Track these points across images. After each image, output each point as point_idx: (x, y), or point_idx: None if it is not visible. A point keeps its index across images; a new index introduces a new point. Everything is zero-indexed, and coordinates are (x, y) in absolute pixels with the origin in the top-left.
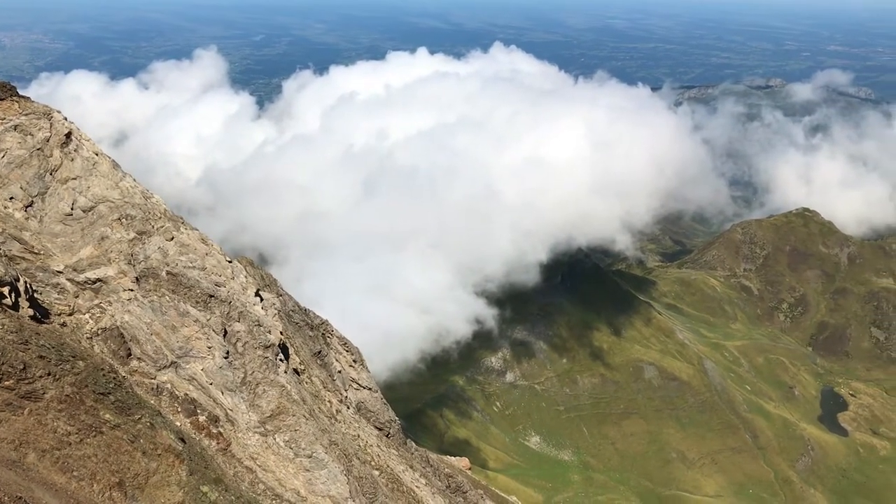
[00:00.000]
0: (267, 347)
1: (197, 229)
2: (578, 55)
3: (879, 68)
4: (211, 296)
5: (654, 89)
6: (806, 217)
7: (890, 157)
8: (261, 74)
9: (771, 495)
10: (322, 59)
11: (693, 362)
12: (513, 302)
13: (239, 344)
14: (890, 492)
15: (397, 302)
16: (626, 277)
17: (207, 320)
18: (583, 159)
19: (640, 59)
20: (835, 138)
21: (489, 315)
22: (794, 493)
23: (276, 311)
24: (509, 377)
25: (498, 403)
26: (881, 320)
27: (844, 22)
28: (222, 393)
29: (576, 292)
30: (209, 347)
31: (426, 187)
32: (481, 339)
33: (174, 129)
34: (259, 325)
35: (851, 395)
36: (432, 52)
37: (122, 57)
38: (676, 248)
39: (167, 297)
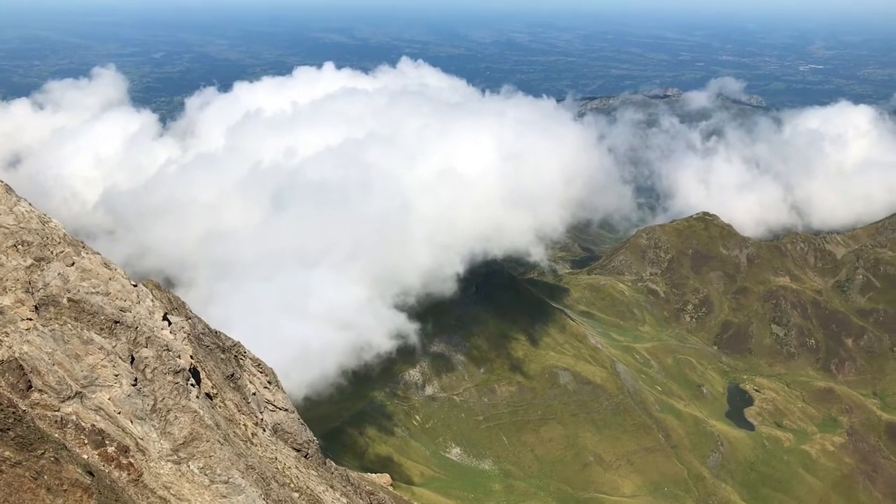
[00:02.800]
0: (177, 372)
1: (99, 253)
2: (484, 69)
3: (768, 77)
4: (116, 322)
5: (558, 101)
6: (706, 221)
7: (782, 160)
8: (162, 92)
9: (685, 492)
10: (225, 76)
11: (606, 366)
12: (430, 314)
13: (147, 370)
14: (795, 481)
15: (313, 318)
16: (539, 286)
17: (113, 347)
18: (495, 171)
19: (543, 71)
20: (730, 144)
21: (407, 327)
22: (706, 489)
23: (185, 335)
24: (428, 390)
25: (418, 417)
26: (780, 317)
27: (734, 33)
28: (132, 422)
29: (491, 302)
30: (116, 375)
31: (338, 202)
32: (400, 353)
33: (71, 150)
34: (168, 350)
35: (756, 390)
36: (339, 67)
37: (13, 76)
38: (585, 254)
39: (69, 325)
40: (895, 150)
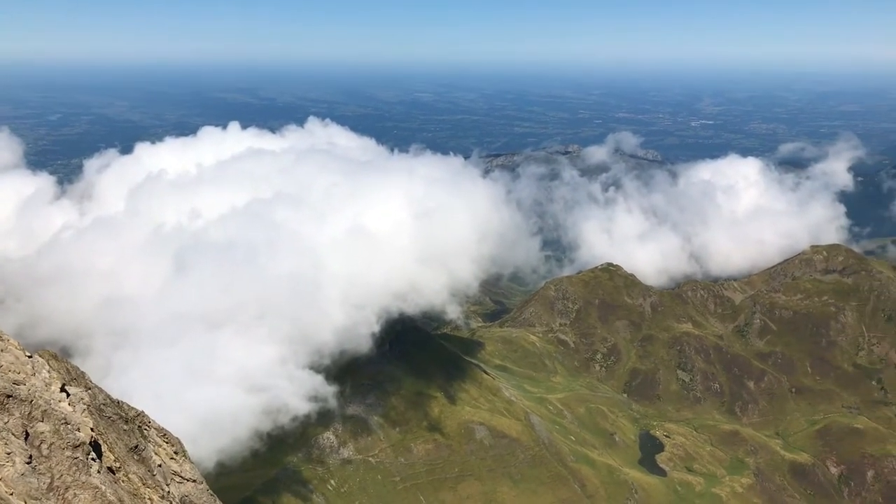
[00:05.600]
0: (76, 447)
1: None
2: (391, 127)
3: (662, 132)
4: (8, 396)
5: (465, 158)
6: (611, 271)
7: (678, 210)
8: (59, 155)
9: None
10: (127, 137)
11: (521, 418)
12: (344, 374)
13: (44, 446)
14: None
15: (221, 382)
16: (453, 341)
17: (5, 423)
18: (407, 229)
19: (450, 130)
20: (628, 194)
21: (321, 389)
22: None
23: (85, 407)
24: (344, 453)
25: (333, 482)
26: (685, 363)
27: (629, 91)
28: (26, 503)
29: (406, 360)
30: (8, 454)
31: (245, 263)
32: (313, 415)
33: None
34: (66, 423)
35: (666, 436)
36: (244, 127)
37: None
38: (497, 307)
39: None
40: (783, 198)
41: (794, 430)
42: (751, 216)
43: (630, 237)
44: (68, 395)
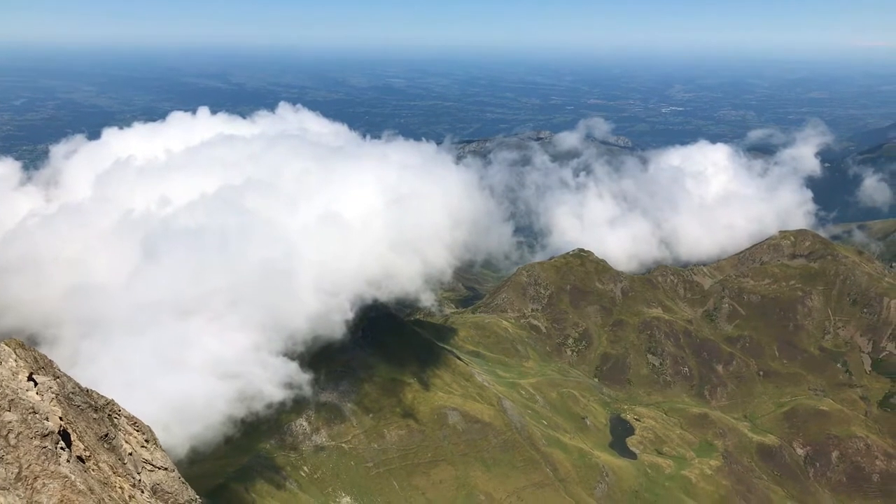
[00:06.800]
0: (45, 436)
1: None
2: (363, 113)
3: (633, 118)
4: None
5: (437, 144)
6: (582, 257)
7: (648, 196)
8: (24, 140)
9: None
10: (94, 123)
11: (493, 403)
12: (317, 361)
13: (11, 436)
14: None
15: (193, 370)
16: (427, 327)
17: None
18: (382, 216)
19: (422, 115)
20: (599, 179)
21: (294, 376)
22: None
23: (53, 395)
24: (316, 439)
25: (306, 468)
26: (655, 347)
27: (601, 78)
28: None
29: (379, 346)
30: None
31: (216, 250)
32: (287, 402)
33: None
34: (34, 413)
35: (636, 419)
36: (214, 113)
37: None
38: (470, 294)
39: None
40: (751, 184)
41: (762, 413)
42: (720, 202)
43: (601, 223)
44: (36, 384)
